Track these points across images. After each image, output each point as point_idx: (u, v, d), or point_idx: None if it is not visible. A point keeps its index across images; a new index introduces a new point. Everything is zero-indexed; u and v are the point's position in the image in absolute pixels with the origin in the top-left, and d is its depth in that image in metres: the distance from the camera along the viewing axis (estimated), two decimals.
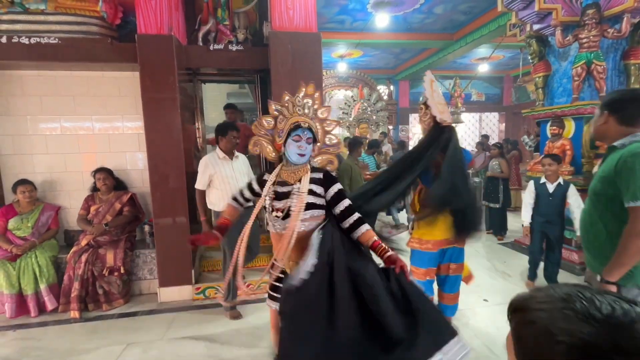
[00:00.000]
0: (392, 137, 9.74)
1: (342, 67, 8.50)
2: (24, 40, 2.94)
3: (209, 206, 2.85)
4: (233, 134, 2.81)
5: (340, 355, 1.18)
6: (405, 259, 1.69)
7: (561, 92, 4.11)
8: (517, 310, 0.51)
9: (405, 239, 2.23)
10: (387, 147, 7.07)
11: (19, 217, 3.07)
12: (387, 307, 1.27)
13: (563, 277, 3.51)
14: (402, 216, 5.42)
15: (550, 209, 3.15)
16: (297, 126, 1.54)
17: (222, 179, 2.78)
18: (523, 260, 4.02)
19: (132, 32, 3.19)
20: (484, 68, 9.15)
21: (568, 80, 3.94)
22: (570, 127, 3.96)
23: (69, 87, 3.37)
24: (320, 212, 1.54)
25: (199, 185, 2.81)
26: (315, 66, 3.20)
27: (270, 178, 1.62)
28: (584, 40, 3.64)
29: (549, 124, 4.12)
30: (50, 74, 3.32)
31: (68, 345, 2.48)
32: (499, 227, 5.00)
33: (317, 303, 1.26)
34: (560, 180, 3.15)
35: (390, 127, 10.07)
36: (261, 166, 4.01)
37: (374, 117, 6.73)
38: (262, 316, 2.78)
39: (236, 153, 2.93)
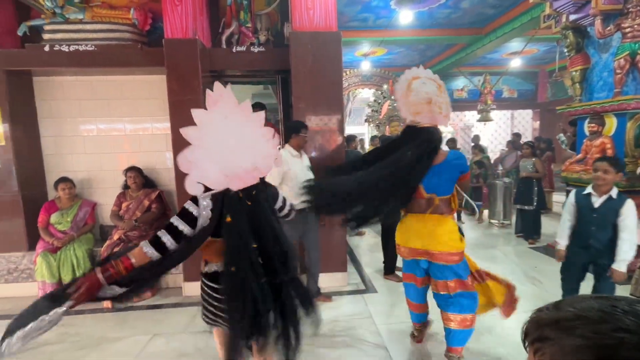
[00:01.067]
0: None
1: (365, 66, 8.41)
2: (64, 48, 3.17)
3: None
4: (305, 132, 2.87)
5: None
6: None
7: (601, 86, 3.82)
8: (543, 339, 0.39)
9: None
10: None
11: (60, 212, 3.31)
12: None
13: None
14: None
15: (591, 231, 2.28)
16: None
17: (294, 176, 2.82)
18: (556, 266, 3.76)
19: (161, 37, 3.33)
20: (516, 63, 8.67)
21: (609, 73, 3.65)
22: (611, 123, 3.66)
23: (104, 91, 3.59)
24: None
25: (272, 180, 2.77)
26: (336, 65, 3.18)
27: None
28: (628, 30, 3.35)
29: (587, 121, 3.84)
30: (87, 79, 3.55)
31: (100, 333, 2.65)
32: (531, 230, 4.73)
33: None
34: (613, 192, 2.23)
35: None
36: None
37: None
38: None
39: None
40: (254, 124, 1.37)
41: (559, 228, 2.51)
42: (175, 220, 1.35)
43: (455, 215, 2.17)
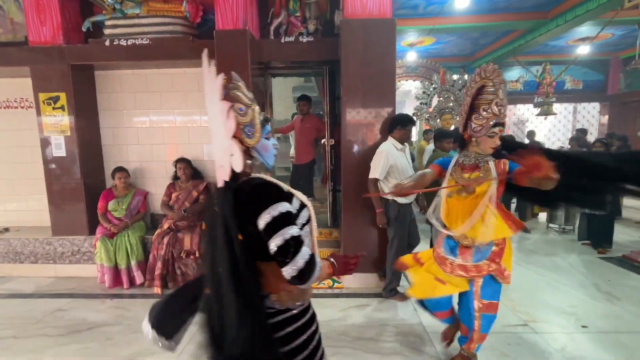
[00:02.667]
0: None
1: (411, 56, 8.01)
2: (123, 43, 3.30)
3: (390, 197, 2.88)
4: (411, 127, 2.91)
5: None
6: None
7: None
8: None
9: None
10: None
11: (116, 200, 3.50)
12: None
13: None
14: None
15: None
16: None
17: (399, 169, 2.85)
18: (633, 281, 3.33)
19: (211, 29, 3.36)
20: (584, 50, 7.78)
21: None
22: None
23: (157, 84, 3.71)
24: None
25: (377, 174, 2.84)
26: (389, 54, 3.01)
27: None
28: None
29: None
30: (142, 72, 3.69)
31: None
32: (601, 239, 4.22)
33: None
34: None
35: None
36: None
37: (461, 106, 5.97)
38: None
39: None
40: (214, 95, 1.02)
41: None
42: None
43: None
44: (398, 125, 2.87)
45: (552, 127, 10.54)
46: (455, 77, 5.71)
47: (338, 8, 3.30)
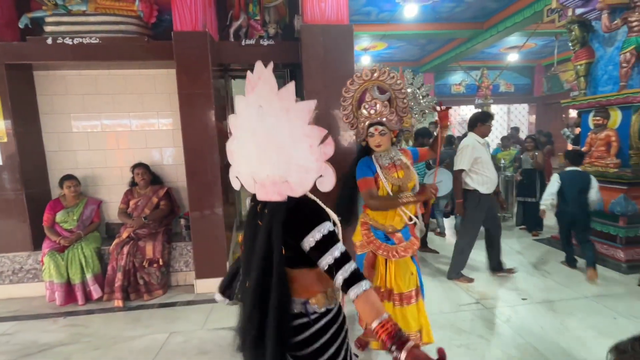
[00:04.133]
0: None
1: (365, 60, 8.39)
2: (68, 41, 3.07)
3: (472, 187, 3.15)
4: (491, 122, 3.20)
5: None
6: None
7: (606, 80, 3.88)
8: None
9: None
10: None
11: (65, 210, 3.23)
12: None
13: (608, 274, 3.34)
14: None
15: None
16: None
17: (484, 161, 3.08)
18: (561, 257, 3.86)
19: (166, 30, 3.26)
20: (513, 57, 8.76)
21: (614, 67, 3.71)
22: (616, 117, 3.73)
23: (109, 86, 3.50)
24: None
25: (463, 165, 3.05)
26: (347, 59, 3.16)
27: None
28: (634, 24, 3.40)
29: (591, 114, 3.91)
30: (90, 73, 3.46)
31: (115, 332, 2.61)
32: (534, 223, 4.81)
33: None
34: None
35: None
36: None
37: (420, 104, 5.97)
38: None
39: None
40: (295, 120, 0.97)
41: None
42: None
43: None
44: (479, 122, 3.15)
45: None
46: (412, 75, 5.81)
47: (297, 13, 3.39)
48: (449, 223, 5.20)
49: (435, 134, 2.31)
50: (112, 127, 3.57)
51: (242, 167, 1.12)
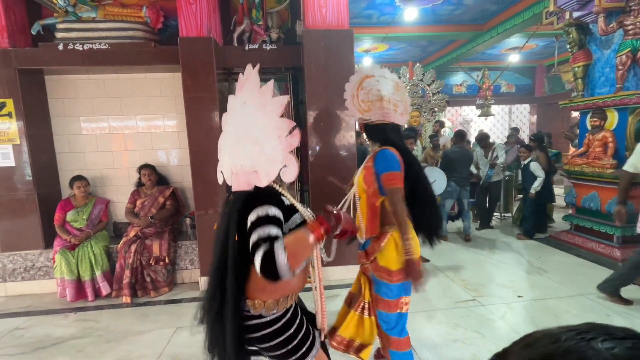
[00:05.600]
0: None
1: (367, 62, 8.47)
2: (78, 47, 3.18)
3: None
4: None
5: None
6: None
7: (603, 81, 3.94)
8: None
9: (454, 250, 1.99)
10: (445, 139, 5.80)
11: (75, 210, 3.35)
12: None
13: (604, 273, 3.39)
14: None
15: None
16: None
17: None
18: (559, 256, 3.92)
19: (172, 35, 3.37)
20: (514, 58, 8.81)
21: (611, 69, 3.77)
22: (613, 118, 3.79)
23: (116, 90, 3.61)
24: None
25: (631, 167, 2.75)
26: (348, 62, 3.25)
27: None
28: (630, 27, 3.46)
29: (589, 116, 3.97)
30: (100, 77, 3.57)
31: (125, 327, 2.71)
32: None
33: None
34: None
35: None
36: None
37: (430, 102, 5.50)
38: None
39: None
40: (270, 113, 1.06)
41: None
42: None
43: None
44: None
45: (492, 126, 11.69)
46: (422, 71, 5.35)
47: (299, 18, 3.48)
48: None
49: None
50: (120, 129, 3.68)
51: (225, 161, 1.18)
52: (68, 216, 3.31)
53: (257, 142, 1.07)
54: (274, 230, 1.00)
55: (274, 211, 1.04)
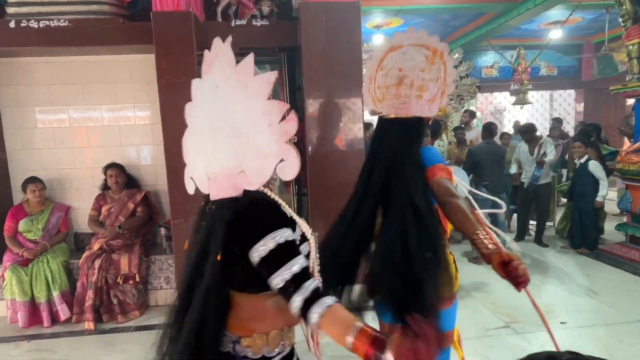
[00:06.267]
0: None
1: (378, 40, 8.45)
2: (33, 24, 3.20)
3: None
4: None
5: None
6: None
7: None
8: None
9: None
10: (475, 133, 5.70)
11: (29, 218, 3.36)
12: None
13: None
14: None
15: None
16: None
17: None
18: (611, 274, 3.87)
19: (144, 10, 3.39)
20: (556, 34, 8.75)
21: None
22: None
23: (79, 74, 3.64)
24: None
25: None
26: (354, 40, 3.25)
27: None
28: None
29: None
30: (58, 60, 3.60)
31: (87, 358, 2.73)
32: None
33: None
34: None
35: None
36: None
37: (458, 87, 5.68)
38: None
39: None
40: (253, 96, 0.96)
41: None
42: None
43: None
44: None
45: (530, 116, 11.64)
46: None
47: None
48: None
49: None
50: (82, 122, 3.70)
51: (197, 164, 1.09)
52: (20, 225, 3.32)
53: (239, 135, 0.98)
54: (299, 264, 0.94)
55: (285, 235, 0.96)
